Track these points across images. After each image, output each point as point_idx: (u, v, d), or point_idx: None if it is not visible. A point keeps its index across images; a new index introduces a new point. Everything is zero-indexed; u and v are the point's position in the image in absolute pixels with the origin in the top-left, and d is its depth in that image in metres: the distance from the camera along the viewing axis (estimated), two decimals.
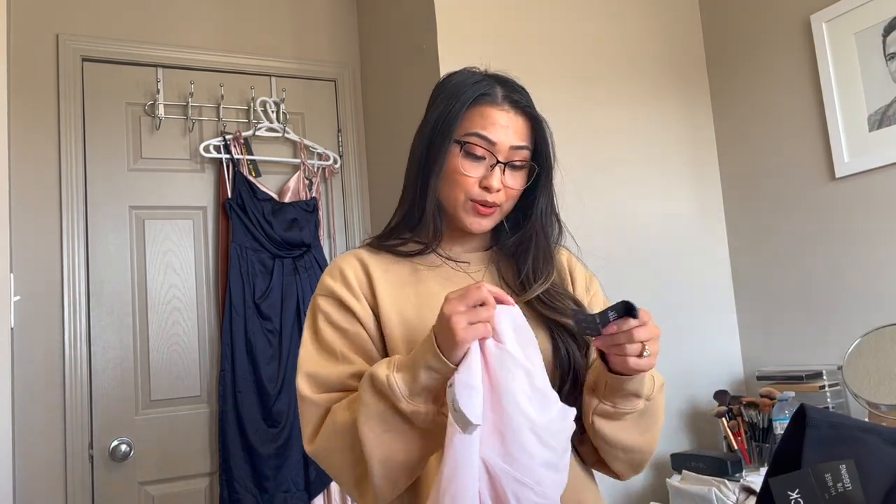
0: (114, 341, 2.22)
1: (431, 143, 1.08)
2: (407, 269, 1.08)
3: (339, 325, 1.03)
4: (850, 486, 0.67)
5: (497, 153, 1.04)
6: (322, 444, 0.97)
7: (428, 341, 0.88)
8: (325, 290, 1.07)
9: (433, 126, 1.08)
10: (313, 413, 0.99)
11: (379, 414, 0.89)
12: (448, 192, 1.06)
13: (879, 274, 2.00)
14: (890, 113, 1.97)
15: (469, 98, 1.07)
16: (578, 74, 2.27)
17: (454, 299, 0.86)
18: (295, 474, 2.26)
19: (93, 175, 2.27)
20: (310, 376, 1.01)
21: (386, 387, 0.88)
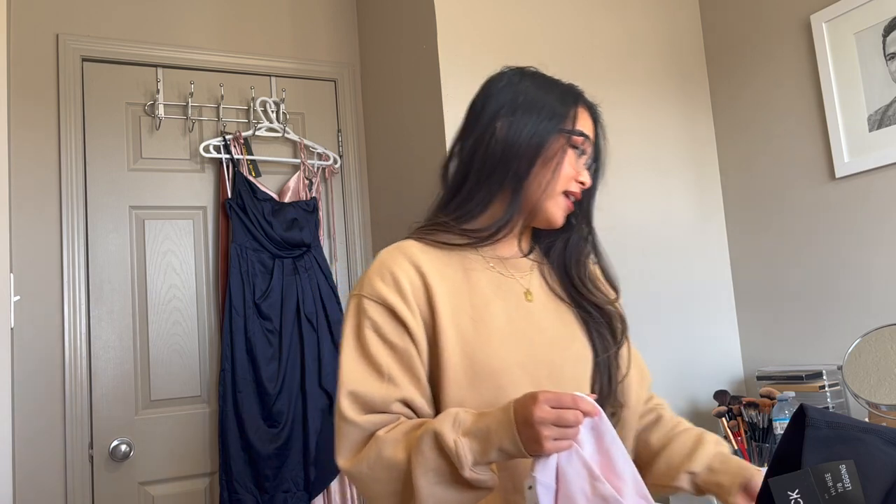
0: (114, 341, 2.22)
1: (540, 132, 1.05)
2: (459, 272, 1.05)
3: (388, 338, 0.99)
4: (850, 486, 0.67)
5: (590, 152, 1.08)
6: (363, 470, 0.94)
7: (507, 424, 0.86)
8: (374, 293, 1.02)
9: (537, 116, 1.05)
10: (355, 435, 0.96)
11: (437, 469, 0.89)
12: (547, 182, 1.05)
13: (879, 274, 2.00)
14: (890, 113, 1.97)
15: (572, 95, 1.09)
16: (578, 74, 2.27)
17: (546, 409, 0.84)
18: (295, 474, 2.26)
19: (93, 175, 2.27)
20: (353, 395, 0.97)
21: (452, 451, 0.87)
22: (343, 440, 0.97)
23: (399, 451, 0.92)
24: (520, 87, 1.10)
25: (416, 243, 1.07)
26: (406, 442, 0.93)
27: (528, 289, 1.08)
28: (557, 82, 1.13)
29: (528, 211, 1.08)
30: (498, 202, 1.06)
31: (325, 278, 2.41)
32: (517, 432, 0.85)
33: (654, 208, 2.33)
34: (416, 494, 0.89)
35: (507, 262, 1.10)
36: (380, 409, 0.97)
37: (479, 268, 1.06)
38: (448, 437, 0.88)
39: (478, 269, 1.06)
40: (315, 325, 2.37)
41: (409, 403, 0.98)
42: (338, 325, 2.42)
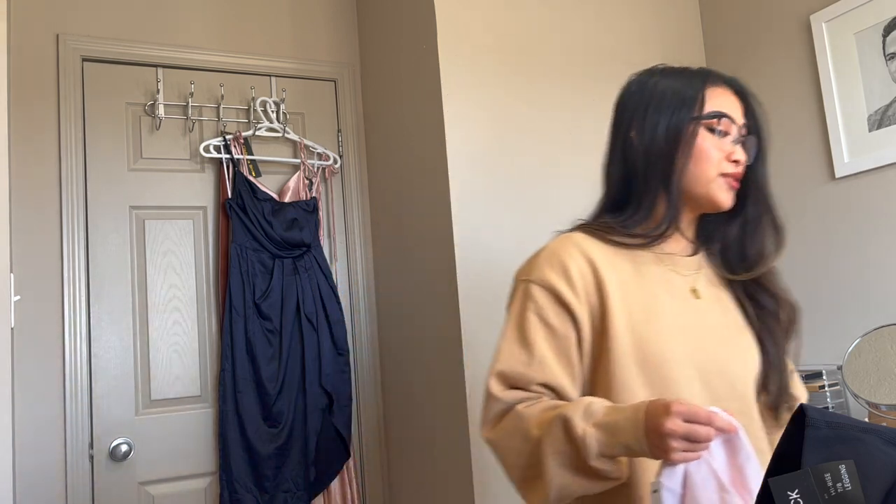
0: (114, 341, 2.22)
1: (672, 126, 1.06)
2: (629, 264, 1.07)
3: (549, 322, 1.02)
4: (850, 486, 0.67)
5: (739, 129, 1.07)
6: (501, 438, 1.01)
7: (636, 425, 0.88)
8: (542, 279, 1.04)
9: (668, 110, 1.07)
10: (497, 408, 1.02)
11: (564, 453, 0.93)
12: (698, 170, 1.06)
13: (879, 274, 2.01)
14: (890, 113, 1.97)
15: (699, 78, 1.09)
16: (578, 74, 2.27)
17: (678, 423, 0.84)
18: (295, 474, 2.27)
19: (93, 175, 2.27)
20: (501, 375, 1.03)
21: (580, 439, 0.91)
22: (486, 412, 1.03)
23: (533, 428, 0.97)
24: (646, 87, 1.12)
25: (586, 236, 1.08)
26: (539, 420, 0.97)
27: (695, 287, 1.10)
28: (683, 71, 1.13)
29: (690, 203, 1.09)
30: (659, 203, 1.07)
31: (325, 278, 2.42)
32: (644, 436, 0.87)
33: None
34: (544, 472, 0.94)
35: (675, 258, 1.11)
36: (521, 387, 1.02)
37: (648, 262, 1.08)
38: (577, 426, 0.91)
39: (647, 264, 1.08)
40: (315, 325, 2.37)
41: (552, 386, 1.02)
42: (337, 325, 2.42)
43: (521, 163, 2.12)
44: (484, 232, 2.02)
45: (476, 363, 1.95)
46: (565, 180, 2.16)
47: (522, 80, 2.17)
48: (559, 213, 2.13)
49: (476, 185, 2.04)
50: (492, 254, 2.03)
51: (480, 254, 2.01)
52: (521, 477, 0.99)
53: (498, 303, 2.01)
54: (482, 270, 2.01)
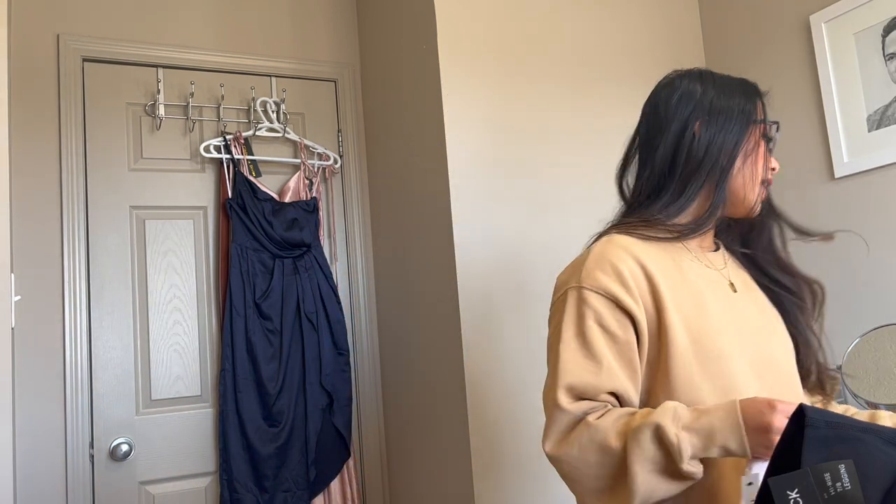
0: (114, 341, 2.22)
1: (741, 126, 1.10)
2: (670, 261, 1.08)
3: (610, 329, 1.01)
4: (850, 485, 0.67)
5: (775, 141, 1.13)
6: (571, 453, 0.98)
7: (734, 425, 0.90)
8: (596, 285, 1.02)
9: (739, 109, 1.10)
10: (565, 420, 1.00)
11: (653, 459, 0.93)
12: (749, 173, 1.10)
13: (879, 274, 2.01)
14: (889, 113, 1.97)
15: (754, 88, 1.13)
16: (578, 74, 2.27)
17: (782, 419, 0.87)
18: (295, 474, 2.27)
19: (93, 175, 2.27)
20: (571, 388, 1.00)
21: (675, 445, 0.91)
22: (553, 426, 1.00)
23: (612, 438, 0.95)
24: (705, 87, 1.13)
25: (626, 235, 1.08)
26: (618, 430, 0.96)
27: (731, 280, 1.13)
28: (732, 78, 1.16)
29: (732, 203, 1.12)
30: (703, 197, 1.10)
31: (326, 278, 2.42)
32: (745, 435, 0.89)
33: None
34: (631, 479, 0.93)
35: (706, 254, 1.14)
36: (590, 397, 1.00)
37: (686, 259, 1.10)
38: (670, 431, 0.91)
39: (686, 261, 1.10)
40: (315, 325, 2.37)
41: (618, 394, 1.01)
42: (337, 325, 2.42)
43: (521, 163, 2.12)
44: (484, 232, 2.02)
45: (476, 363, 1.96)
46: (565, 180, 2.16)
47: (522, 80, 2.17)
48: (559, 213, 2.13)
49: (476, 185, 2.04)
50: (492, 254, 2.03)
51: (480, 254, 2.02)
52: (596, 488, 0.97)
53: (498, 303, 2.01)
54: (482, 270, 2.01)
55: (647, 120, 1.17)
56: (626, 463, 0.93)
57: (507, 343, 2.00)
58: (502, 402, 1.97)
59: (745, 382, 1.04)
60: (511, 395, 1.98)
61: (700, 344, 1.02)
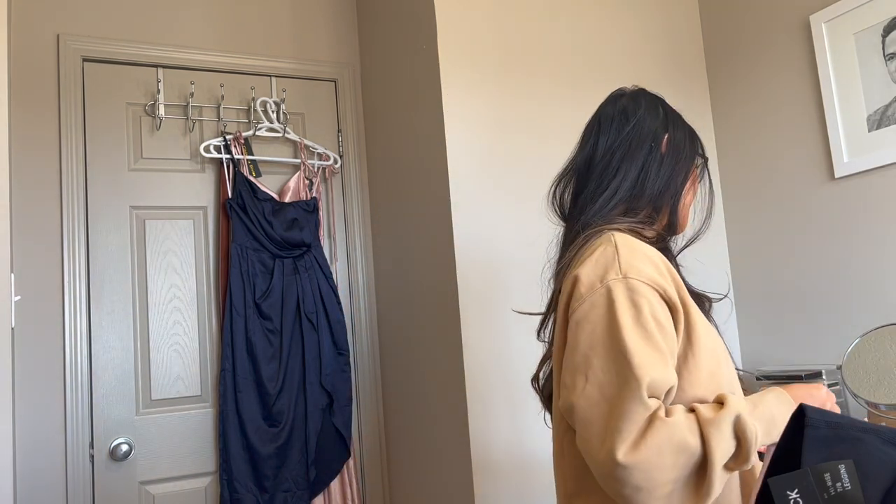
0: (114, 341, 2.22)
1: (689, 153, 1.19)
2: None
3: (661, 320, 0.98)
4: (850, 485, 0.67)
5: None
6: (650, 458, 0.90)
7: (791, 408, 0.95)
8: (644, 276, 0.99)
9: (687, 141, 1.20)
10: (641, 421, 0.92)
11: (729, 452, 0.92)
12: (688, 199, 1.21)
13: (879, 274, 2.01)
14: (889, 113, 1.97)
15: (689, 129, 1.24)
16: (578, 75, 2.27)
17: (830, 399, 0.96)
18: (295, 474, 2.27)
19: (93, 175, 2.27)
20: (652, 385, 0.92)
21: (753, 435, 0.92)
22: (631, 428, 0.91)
23: (689, 435, 0.91)
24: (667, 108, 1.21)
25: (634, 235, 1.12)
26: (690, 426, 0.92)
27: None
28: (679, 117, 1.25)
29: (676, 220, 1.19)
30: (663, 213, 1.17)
31: (326, 278, 2.42)
32: None
33: None
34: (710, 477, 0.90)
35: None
36: (658, 394, 0.94)
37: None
38: (752, 426, 0.92)
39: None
40: (315, 325, 2.37)
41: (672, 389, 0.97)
42: (337, 325, 2.42)
43: (521, 162, 2.12)
44: (484, 232, 2.02)
45: (476, 363, 1.96)
46: None
47: (522, 80, 2.17)
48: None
49: (476, 185, 2.04)
50: (492, 254, 2.03)
51: (480, 254, 2.02)
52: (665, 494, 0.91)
53: (498, 303, 2.01)
54: (482, 270, 2.01)
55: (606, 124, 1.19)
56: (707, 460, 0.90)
57: (508, 343, 2.00)
58: (502, 402, 1.97)
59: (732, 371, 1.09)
60: (511, 394, 1.98)
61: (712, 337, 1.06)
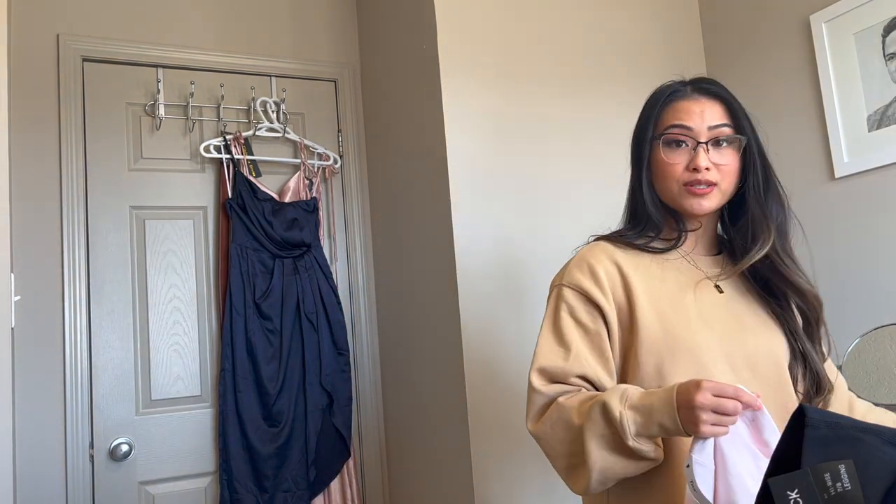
0: (114, 341, 2.22)
1: (637, 151, 1.18)
2: (654, 265, 1.15)
3: (581, 320, 1.11)
4: (850, 486, 0.67)
5: (697, 136, 1.12)
6: (545, 430, 1.07)
7: (669, 403, 0.95)
8: (572, 281, 1.13)
9: (635, 135, 1.20)
10: (539, 401, 1.09)
11: (605, 436, 1.00)
12: (662, 185, 1.15)
13: (879, 274, 2.01)
14: (889, 113, 1.97)
15: (661, 99, 1.17)
16: (578, 75, 2.27)
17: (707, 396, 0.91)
18: (295, 474, 2.27)
19: (93, 175, 2.27)
20: (542, 370, 1.10)
21: (617, 421, 0.98)
22: (530, 406, 1.11)
23: (574, 417, 1.03)
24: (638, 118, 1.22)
25: (609, 243, 1.17)
26: (580, 409, 1.04)
27: (718, 283, 1.17)
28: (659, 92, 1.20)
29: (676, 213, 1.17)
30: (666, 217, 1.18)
31: (326, 278, 2.42)
32: (677, 412, 0.93)
33: None
34: (587, 455, 1.00)
35: (699, 258, 1.19)
36: (561, 381, 1.09)
37: (674, 262, 1.17)
38: (615, 409, 0.98)
39: (672, 262, 1.16)
40: (315, 325, 2.37)
41: (588, 379, 1.09)
42: (337, 325, 2.42)
43: (520, 163, 2.12)
44: (484, 232, 2.02)
45: (476, 363, 1.96)
46: (566, 179, 2.16)
47: (523, 80, 2.17)
48: (559, 214, 2.13)
49: (476, 185, 2.04)
50: (492, 254, 2.03)
51: (480, 254, 2.02)
52: (566, 465, 1.05)
53: (498, 303, 2.01)
54: (482, 270, 2.01)
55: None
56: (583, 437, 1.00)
57: (507, 343, 2.00)
58: (502, 402, 1.97)
59: (718, 374, 1.08)
60: (511, 394, 1.98)
61: (672, 335, 1.08)
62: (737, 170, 1.14)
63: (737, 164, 1.14)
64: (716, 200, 1.13)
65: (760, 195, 1.15)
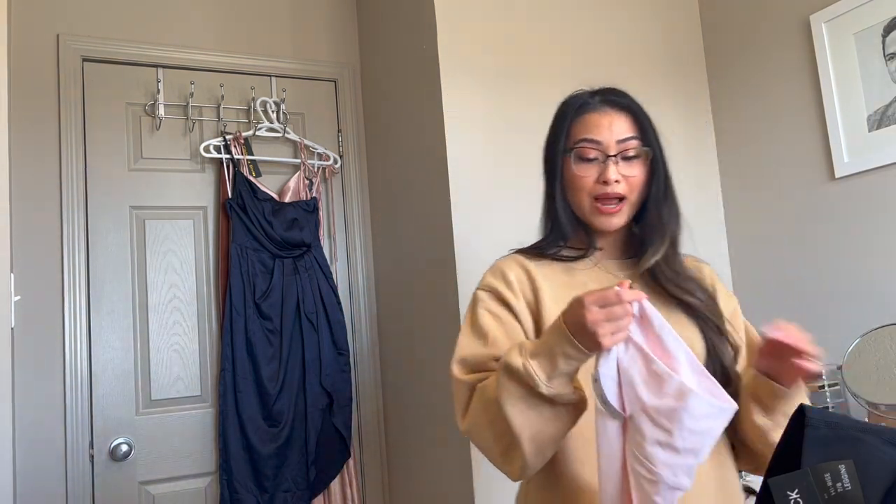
0: (114, 341, 2.22)
1: (548, 160, 1.22)
2: (563, 273, 1.19)
3: (494, 311, 1.15)
4: (850, 486, 0.67)
5: (606, 149, 1.15)
6: (471, 421, 1.07)
7: (561, 332, 0.94)
8: (486, 285, 1.19)
9: (547, 146, 1.23)
10: (463, 393, 1.10)
11: (521, 397, 0.97)
12: (573, 198, 1.18)
13: (879, 273, 2.01)
14: (889, 113, 1.97)
15: (570, 112, 1.20)
16: (578, 75, 2.27)
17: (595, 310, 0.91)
18: (295, 474, 2.27)
19: (93, 175, 2.27)
20: (463, 360, 1.13)
21: (524, 374, 0.96)
22: (456, 402, 1.12)
23: (491, 393, 1.02)
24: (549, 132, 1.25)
25: (522, 255, 1.23)
26: (493, 385, 1.02)
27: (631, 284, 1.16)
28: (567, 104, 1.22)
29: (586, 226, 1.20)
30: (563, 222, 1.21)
31: (326, 278, 2.42)
32: (574, 336, 0.93)
33: None
34: (511, 425, 0.97)
35: (611, 263, 1.22)
36: (481, 369, 1.10)
37: (584, 269, 1.20)
38: (517, 362, 0.97)
39: (584, 270, 1.20)
40: (315, 325, 2.37)
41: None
42: (337, 325, 2.42)
43: (520, 163, 2.12)
44: (484, 231, 2.02)
45: None
46: None
47: (522, 80, 2.17)
48: None
49: (476, 184, 2.04)
50: (492, 254, 2.02)
51: (480, 254, 2.01)
52: (500, 451, 1.02)
53: None
54: (482, 270, 2.00)
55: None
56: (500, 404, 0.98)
57: None
58: None
59: None
60: None
61: None
62: (645, 181, 1.17)
63: (644, 175, 1.17)
64: (625, 216, 1.17)
65: (660, 204, 1.18)
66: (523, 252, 1.24)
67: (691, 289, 1.17)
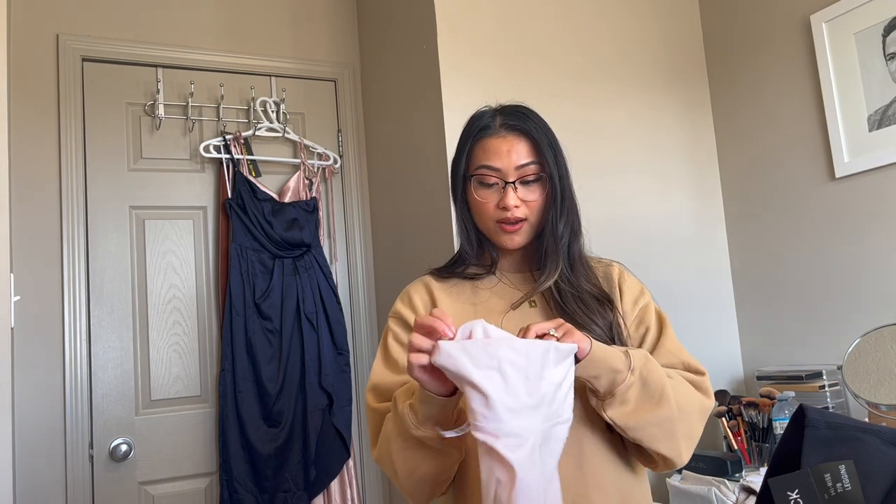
0: (114, 341, 2.22)
1: (454, 184, 1.24)
2: (468, 288, 1.22)
3: (402, 339, 1.18)
4: (850, 486, 0.67)
5: (505, 176, 1.16)
6: (378, 451, 1.10)
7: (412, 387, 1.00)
8: (394, 313, 1.23)
9: (453, 170, 1.24)
10: (375, 421, 1.12)
11: (399, 435, 1.02)
12: (478, 221, 1.20)
13: (879, 274, 2.01)
14: (890, 113, 1.97)
15: (470, 137, 1.21)
16: (578, 75, 2.27)
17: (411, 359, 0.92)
18: (295, 474, 2.27)
19: (93, 175, 2.27)
20: (374, 388, 1.15)
21: (401, 414, 1.01)
22: (370, 430, 1.13)
23: (386, 426, 1.07)
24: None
25: (431, 276, 1.26)
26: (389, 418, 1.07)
27: (533, 298, 1.21)
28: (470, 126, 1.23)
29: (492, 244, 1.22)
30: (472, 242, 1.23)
31: (325, 278, 2.41)
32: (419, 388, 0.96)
33: (654, 209, 2.33)
34: (394, 464, 1.03)
35: (512, 276, 1.24)
36: (391, 396, 1.10)
37: (489, 286, 1.22)
38: (400, 403, 1.01)
39: (487, 286, 1.22)
40: (315, 325, 2.37)
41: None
42: (337, 325, 2.42)
43: None
44: None
45: None
46: None
47: (522, 80, 2.17)
48: None
49: None
50: None
51: None
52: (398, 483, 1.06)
53: None
54: None
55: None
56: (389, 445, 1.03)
57: None
58: None
59: None
60: None
61: None
62: (544, 203, 1.19)
63: (543, 197, 1.18)
64: (526, 235, 1.18)
65: (556, 227, 1.19)
66: (434, 272, 1.26)
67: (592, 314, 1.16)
